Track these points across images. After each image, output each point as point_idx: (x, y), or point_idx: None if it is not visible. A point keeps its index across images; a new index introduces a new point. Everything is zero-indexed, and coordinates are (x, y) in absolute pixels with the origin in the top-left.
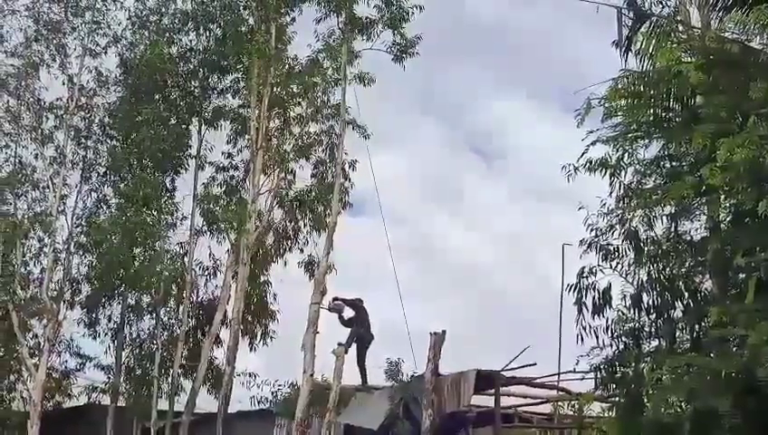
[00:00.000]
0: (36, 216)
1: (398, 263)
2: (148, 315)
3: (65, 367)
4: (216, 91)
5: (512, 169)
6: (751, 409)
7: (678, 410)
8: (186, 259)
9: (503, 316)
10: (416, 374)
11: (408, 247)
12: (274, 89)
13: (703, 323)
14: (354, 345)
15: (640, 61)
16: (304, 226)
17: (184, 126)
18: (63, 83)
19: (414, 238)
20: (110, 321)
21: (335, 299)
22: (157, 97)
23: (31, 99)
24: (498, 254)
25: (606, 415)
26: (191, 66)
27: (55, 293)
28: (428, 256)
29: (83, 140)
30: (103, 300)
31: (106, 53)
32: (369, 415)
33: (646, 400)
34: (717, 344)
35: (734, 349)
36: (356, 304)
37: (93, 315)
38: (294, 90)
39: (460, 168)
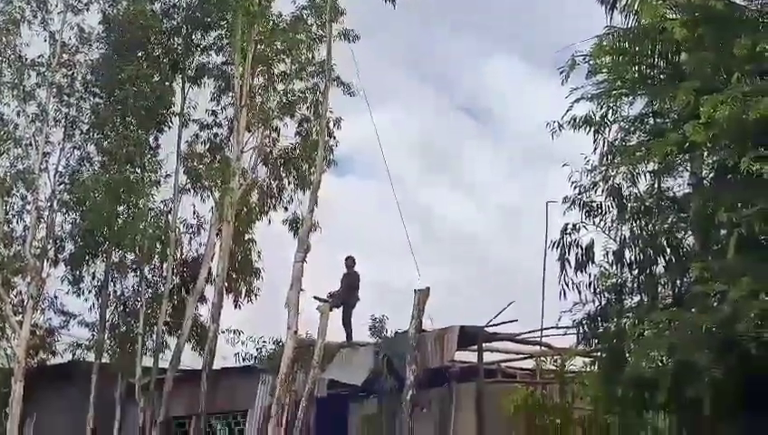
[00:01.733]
0: (19, 173)
1: (384, 222)
2: (133, 273)
3: (49, 324)
4: (199, 48)
5: (503, 130)
6: (731, 362)
7: (659, 364)
8: (170, 217)
9: (490, 275)
10: (400, 331)
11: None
12: (258, 46)
13: (684, 279)
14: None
15: (625, 18)
16: (289, 183)
17: (167, 83)
18: (45, 40)
19: (405, 199)
20: (94, 278)
21: (324, 300)
22: (140, 54)
23: (12, 56)
24: (487, 214)
25: (588, 370)
26: (174, 23)
27: (38, 250)
28: (419, 217)
29: (66, 98)
30: (87, 257)
31: (88, 9)
32: (353, 371)
33: (627, 354)
34: (699, 300)
35: (715, 304)
36: (346, 266)
37: (77, 273)
38: (279, 47)
39: (451, 128)
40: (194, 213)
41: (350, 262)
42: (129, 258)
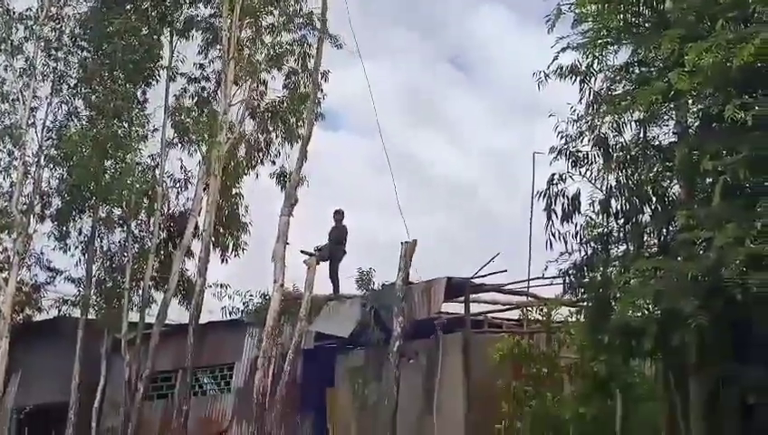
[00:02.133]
0: (6, 128)
1: (375, 176)
2: (119, 228)
3: (35, 280)
4: (187, 1)
5: (489, 80)
6: (716, 309)
7: (645, 312)
8: (157, 172)
9: (478, 225)
10: (387, 283)
11: (384, 160)
12: None
13: (670, 227)
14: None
15: None
16: (276, 137)
17: (155, 36)
18: None
19: (394, 152)
20: (80, 234)
21: (311, 254)
22: (128, 7)
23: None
24: (476, 166)
25: (574, 319)
26: None
27: (25, 206)
28: (406, 170)
29: (54, 52)
30: (74, 213)
31: None
32: (340, 323)
33: (613, 303)
34: (684, 247)
35: (701, 251)
36: (335, 220)
37: (64, 229)
38: None
39: (438, 79)
40: (181, 167)
41: (338, 216)
42: (115, 213)
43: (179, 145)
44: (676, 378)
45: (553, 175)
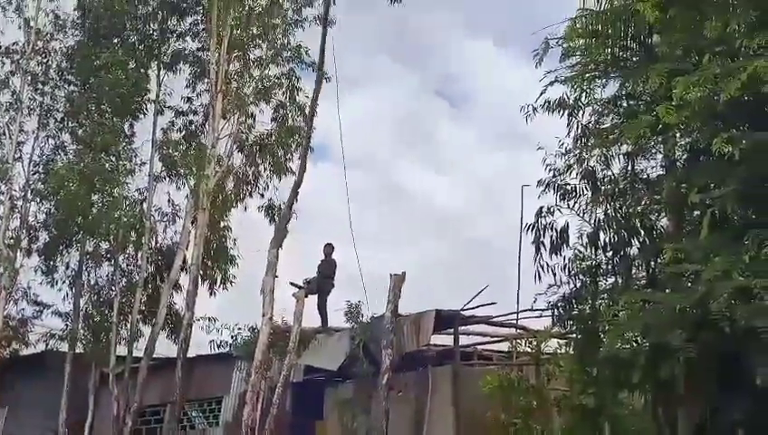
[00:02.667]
0: None
1: (364, 208)
2: (107, 262)
3: (22, 315)
4: (175, 35)
5: (479, 113)
6: (704, 342)
7: (634, 344)
8: (144, 205)
9: (467, 259)
10: (375, 316)
11: (375, 192)
12: (234, 31)
13: (658, 260)
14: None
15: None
16: (264, 170)
17: (143, 70)
18: (20, 27)
19: (381, 183)
20: (67, 268)
21: (299, 286)
22: (115, 41)
23: None
24: (465, 198)
25: (563, 351)
26: (150, 8)
27: (12, 240)
28: (395, 201)
29: (40, 86)
30: (61, 247)
31: None
32: (329, 356)
33: (602, 335)
34: (672, 280)
35: (689, 284)
36: (324, 253)
37: (51, 263)
38: (254, 32)
39: (428, 112)
40: (169, 201)
41: (328, 249)
42: (103, 247)
43: (167, 178)
44: (664, 410)
45: (542, 208)
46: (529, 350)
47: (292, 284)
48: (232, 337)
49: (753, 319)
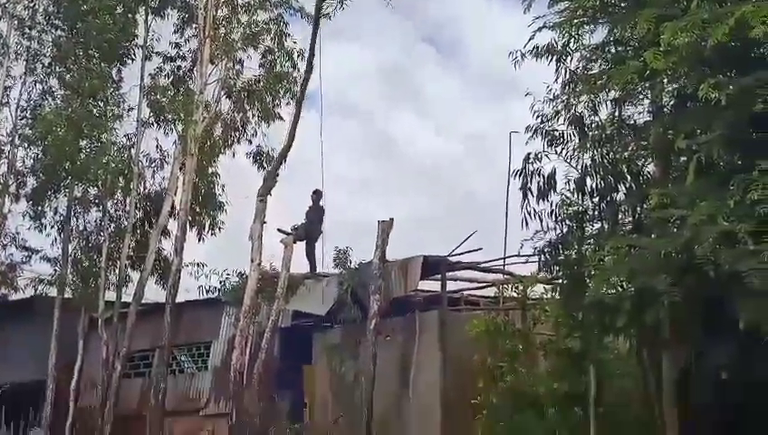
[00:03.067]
0: None
1: (352, 158)
2: (95, 208)
3: (11, 260)
4: None
5: (468, 60)
6: (689, 286)
7: (619, 289)
8: (132, 151)
9: (455, 206)
10: (364, 262)
11: (363, 141)
12: None
13: (644, 206)
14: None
15: None
16: (252, 116)
17: (130, 15)
18: None
19: (369, 132)
20: (56, 213)
21: (288, 233)
22: None
23: None
24: (452, 144)
25: (549, 296)
26: None
27: (0, 185)
28: (383, 150)
29: (27, 30)
30: (49, 193)
31: None
32: (317, 301)
33: (588, 280)
34: (658, 226)
35: (675, 230)
36: (312, 200)
37: (39, 208)
38: None
39: (417, 60)
40: (157, 147)
41: (315, 196)
42: (91, 193)
43: (155, 124)
44: (649, 354)
45: (529, 154)
46: (515, 295)
47: (279, 230)
48: (220, 283)
49: (736, 263)
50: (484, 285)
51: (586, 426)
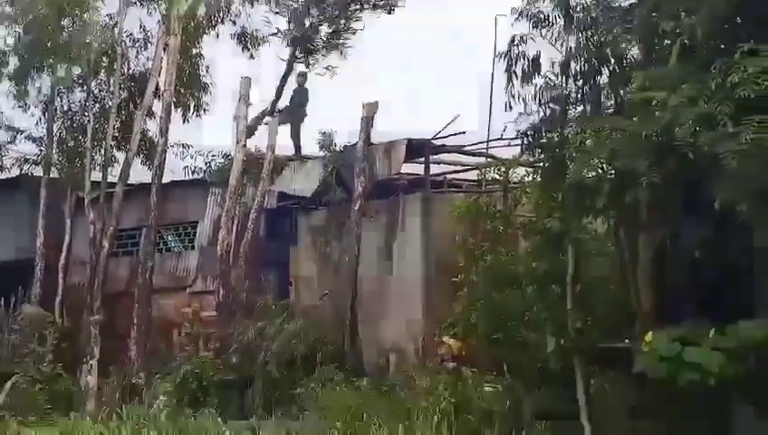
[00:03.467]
0: None
1: None
2: (79, 88)
3: None
4: None
5: None
6: (668, 168)
7: (600, 170)
8: (116, 31)
9: (439, 91)
10: (348, 144)
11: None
12: None
13: (627, 88)
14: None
15: None
16: None
17: None
18: None
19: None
20: (40, 93)
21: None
22: None
23: None
24: (437, 28)
25: (531, 179)
26: None
27: None
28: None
29: None
30: (32, 72)
31: None
32: (302, 182)
33: (569, 162)
34: (640, 108)
35: (656, 112)
36: (297, 82)
37: (22, 87)
38: None
39: None
40: (140, 27)
41: (300, 78)
42: (75, 73)
43: (138, 3)
44: (626, 234)
45: (515, 36)
46: (497, 177)
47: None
48: (206, 164)
49: (715, 145)
50: (468, 168)
51: (563, 303)
